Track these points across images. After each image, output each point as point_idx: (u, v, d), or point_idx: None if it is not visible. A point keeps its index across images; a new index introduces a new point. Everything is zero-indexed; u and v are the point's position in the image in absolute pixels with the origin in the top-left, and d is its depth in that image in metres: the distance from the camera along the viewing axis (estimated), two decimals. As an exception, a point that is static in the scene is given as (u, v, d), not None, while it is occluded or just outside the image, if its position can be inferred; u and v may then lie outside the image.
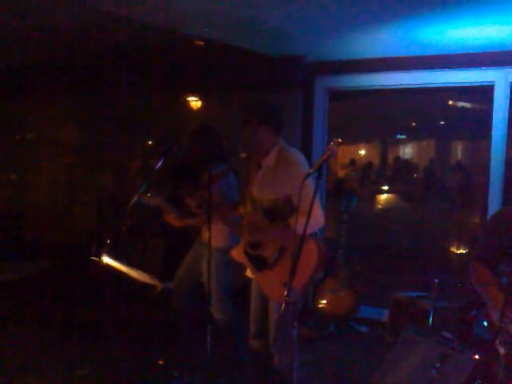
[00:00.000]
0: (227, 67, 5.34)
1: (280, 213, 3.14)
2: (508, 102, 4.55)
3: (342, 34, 4.15)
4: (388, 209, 7.16)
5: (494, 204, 4.57)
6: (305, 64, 5.05)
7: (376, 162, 8.81)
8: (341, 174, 8.33)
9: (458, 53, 4.57)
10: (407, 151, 9.16)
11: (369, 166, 8.52)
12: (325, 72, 5.27)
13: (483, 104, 5.06)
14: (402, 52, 4.68)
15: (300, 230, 2.73)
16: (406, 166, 8.27)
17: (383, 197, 7.37)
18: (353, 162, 8.79)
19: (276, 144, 3.23)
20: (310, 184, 2.86)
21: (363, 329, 5.14)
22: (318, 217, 2.98)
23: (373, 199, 7.44)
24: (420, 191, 7.34)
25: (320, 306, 5.19)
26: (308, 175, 2.67)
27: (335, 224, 6.13)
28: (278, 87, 5.16)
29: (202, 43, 4.62)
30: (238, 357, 4.06)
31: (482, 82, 4.71)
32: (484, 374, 3.05)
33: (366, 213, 7.01)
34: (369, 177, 8.22)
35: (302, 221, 2.75)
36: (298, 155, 3.21)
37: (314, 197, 2.59)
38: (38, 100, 7.27)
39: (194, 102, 7.04)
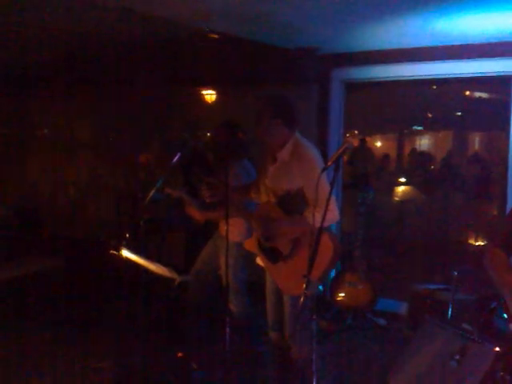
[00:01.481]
0: (242, 60, 5.34)
1: (292, 204, 3.15)
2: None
3: (358, 26, 4.13)
4: (405, 201, 7.10)
5: (512, 195, 4.53)
6: (320, 56, 5.03)
7: (393, 153, 8.75)
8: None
9: (475, 43, 4.53)
10: (424, 142, 9.08)
11: (385, 157, 8.46)
12: (341, 64, 5.26)
13: (501, 94, 4.98)
14: (419, 43, 4.65)
15: (316, 223, 2.76)
16: (423, 157, 8.20)
17: (400, 189, 7.31)
18: (370, 150, 8.74)
19: (290, 138, 3.24)
20: (326, 178, 2.89)
21: (381, 322, 5.13)
22: (334, 211, 2.98)
23: (389, 191, 7.39)
24: (437, 183, 7.27)
25: (338, 298, 5.19)
26: (325, 169, 2.68)
27: (352, 217, 6.11)
28: (294, 80, 5.15)
29: (216, 36, 4.61)
30: (255, 349, 4.09)
31: (500, 72, 4.66)
32: (505, 366, 3.03)
33: (382, 205, 6.97)
34: (385, 169, 8.16)
35: (317, 214, 2.78)
36: (312, 150, 3.22)
37: (330, 191, 2.60)
38: (53, 97, 7.33)
39: (210, 96, 7.05)
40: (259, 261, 3.44)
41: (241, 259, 3.95)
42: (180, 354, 4.25)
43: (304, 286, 2.58)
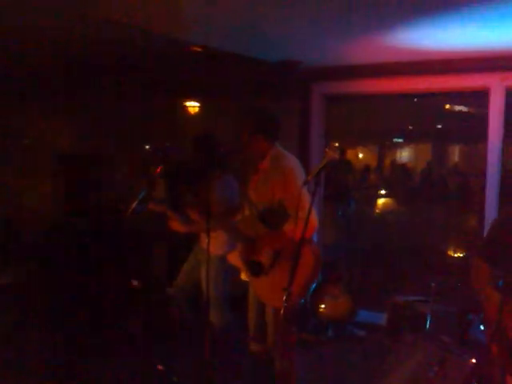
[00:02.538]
0: (225, 73, 5.37)
1: (274, 218, 3.17)
2: (503, 106, 4.58)
3: (339, 41, 4.16)
4: (385, 212, 7.18)
5: (491, 207, 4.59)
6: (302, 70, 5.07)
7: (373, 165, 8.84)
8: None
9: (453, 58, 4.59)
10: (404, 154, 9.19)
11: (366, 169, 8.54)
12: (322, 77, 5.29)
13: (480, 108, 5.08)
14: (398, 58, 4.70)
15: (296, 235, 2.78)
16: (403, 169, 8.29)
17: (381, 200, 7.38)
18: (350, 162, 8.81)
19: (271, 149, 3.27)
20: (306, 191, 2.92)
21: (361, 333, 5.15)
22: (314, 223, 3.01)
23: (370, 203, 7.46)
24: (417, 194, 7.36)
25: (318, 310, 5.20)
26: (306, 182, 2.70)
27: (333, 228, 6.16)
28: (275, 93, 5.18)
29: (199, 49, 4.63)
30: (237, 361, 4.08)
31: (478, 86, 4.74)
32: (480, 378, 3.07)
33: (363, 217, 7.03)
34: (366, 180, 8.24)
35: (298, 226, 2.80)
36: (292, 161, 3.26)
37: (311, 204, 2.62)
38: (34, 106, 7.27)
39: (192, 108, 7.06)
40: (243, 276, 3.45)
41: (222, 272, 3.96)
42: (160, 367, 4.23)
43: (284, 298, 2.60)
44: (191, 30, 4.05)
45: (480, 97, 4.70)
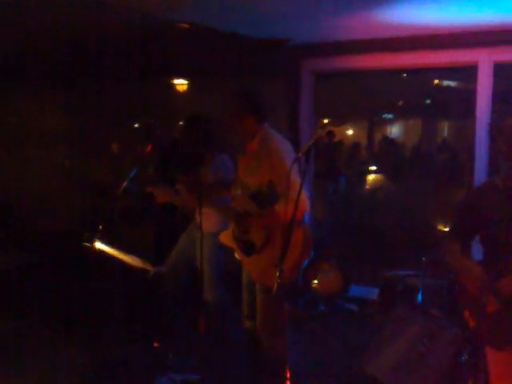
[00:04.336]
0: (213, 51, 5.33)
1: (265, 197, 3.19)
2: (492, 81, 4.60)
3: (327, 17, 4.15)
4: (376, 189, 7.23)
5: (480, 181, 4.64)
6: (290, 47, 5.05)
7: (364, 142, 8.86)
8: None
9: (440, 33, 4.59)
10: (394, 130, 9.21)
11: (356, 146, 8.55)
12: (311, 54, 5.27)
13: (470, 83, 5.09)
14: (386, 33, 4.69)
15: (287, 216, 2.80)
16: (393, 145, 8.32)
17: (371, 177, 7.42)
18: (340, 143, 8.83)
19: (260, 130, 3.27)
20: (296, 170, 2.93)
21: (353, 307, 5.23)
22: (305, 203, 3.01)
23: (361, 180, 7.50)
24: (407, 170, 7.41)
25: (311, 285, 5.27)
26: (296, 159, 2.72)
27: (324, 205, 6.20)
28: (264, 70, 5.17)
29: (187, 26, 4.60)
30: (230, 338, 4.14)
31: (466, 61, 4.75)
32: (471, 349, 3.14)
33: (354, 193, 7.08)
34: (356, 157, 8.26)
35: (288, 207, 2.82)
36: (281, 141, 3.26)
37: (301, 182, 2.64)
38: (23, 87, 7.20)
39: (181, 86, 7.02)
40: (237, 256, 3.48)
41: (216, 250, 3.98)
42: (156, 344, 4.28)
43: (276, 276, 2.63)
44: (178, 8, 4.01)
45: (470, 71, 4.71)
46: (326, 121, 8.71)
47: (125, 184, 3.71)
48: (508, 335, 2.31)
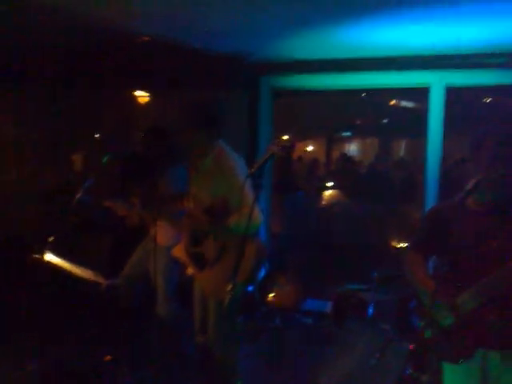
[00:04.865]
0: (173, 64, 5.33)
1: (218, 212, 3.20)
2: (443, 103, 4.76)
3: (286, 35, 4.22)
4: (332, 204, 7.34)
5: (431, 200, 4.78)
6: (250, 63, 5.10)
7: (322, 158, 9.00)
8: (290, 170, 8.45)
9: (395, 56, 4.71)
10: (352, 148, 9.39)
11: (314, 162, 8.68)
12: (270, 72, 5.32)
13: (421, 104, 5.26)
14: (343, 54, 4.80)
15: (239, 229, 2.84)
16: (351, 162, 8.47)
17: (328, 192, 7.54)
18: (300, 159, 8.95)
19: (214, 147, 3.26)
20: (249, 185, 2.95)
21: (308, 321, 5.27)
22: (257, 217, 3.04)
23: (318, 195, 7.60)
24: (364, 187, 7.55)
25: (267, 299, 5.29)
26: (249, 175, 2.73)
27: (281, 219, 6.25)
28: (223, 86, 5.19)
29: (147, 39, 4.61)
30: (183, 352, 4.12)
31: (419, 84, 4.91)
32: (416, 363, 3.21)
33: (311, 208, 7.17)
34: (314, 173, 8.39)
35: (241, 221, 2.85)
36: (235, 160, 3.26)
37: (254, 197, 2.67)
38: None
39: (142, 98, 6.99)
40: (190, 271, 3.47)
41: (170, 263, 3.97)
42: (108, 358, 4.21)
43: (229, 290, 2.65)
44: (139, 20, 4.02)
45: (425, 93, 4.87)
46: (285, 137, 8.84)
47: (79, 195, 3.67)
48: (460, 349, 2.35)
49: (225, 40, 4.53)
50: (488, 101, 6.24)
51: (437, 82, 4.74)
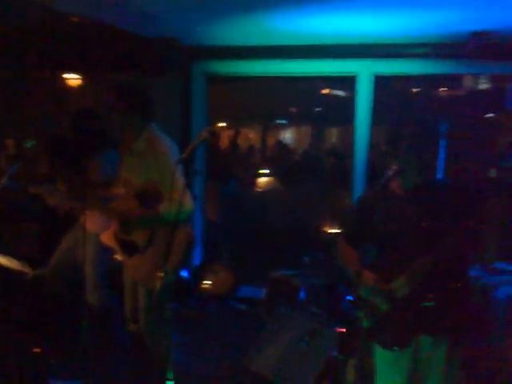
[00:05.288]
0: (103, 47, 5.19)
1: (149, 197, 3.17)
2: (370, 92, 4.89)
3: (218, 20, 4.19)
4: (267, 191, 7.41)
5: (358, 186, 4.92)
6: (182, 47, 5.04)
7: (258, 145, 9.05)
8: (225, 157, 8.44)
9: (324, 44, 4.79)
10: (287, 136, 9.49)
11: (250, 149, 8.72)
12: (202, 57, 5.30)
13: (349, 92, 5.38)
14: (273, 41, 4.82)
15: (170, 216, 2.83)
16: (286, 149, 8.57)
17: (263, 179, 7.61)
18: (235, 146, 8.94)
19: (145, 130, 3.23)
20: (180, 171, 2.95)
21: (242, 307, 5.32)
22: (188, 203, 3.04)
23: (254, 182, 7.65)
24: (298, 174, 7.66)
25: (201, 286, 5.30)
26: (180, 161, 2.74)
27: (216, 207, 6.25)
28: (155, 70, 5.11)
29: (76, 20, 4.46)
30: (115, 341, 4.07)
31: (346, 72, 5.01)
32: (344, 347, 3.30)
33: (245, 195, 7.22)
34: (250, 160, 8.43)
35: (171, 207, 2.84)
36: (166, 143, 3.24)
37: (185, 183, 2.66)
38: None
39: (71, 81, 6.80)
40: (118, 256, 3.43)
41: (101, 251, 3.89)
42: (37, 349, 4.10)
43: (159, 276, 2.64)
44: (68, 0, 3.89)
45: (349, 82, 4.98)
46: (222, 124, 8.82)
47: (3, 181, 3.53)
48: (397, 336, 2.43)
49: (157, 23, 4.46)
50: (414, 90, 6.46)
51: (363, 71, 4.87)
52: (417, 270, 2.31)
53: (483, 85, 5.73)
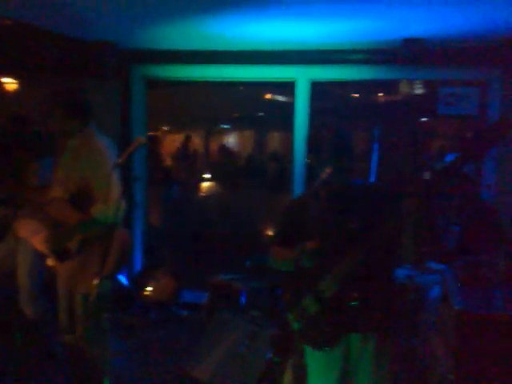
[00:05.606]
0: (40, 50, 5.07)
1: (83, 199, 3.12)
2: (308, 98, 4.98)
3: (155, 24, 4.17)
4: (210, 196, 7.41)
5: (298, 190, 4.99)
6: (121, 51, 4.99)
7: (201, 150, 9.02)
8: (168, 162, 8.40)
9: (262, 50, 4.84)
10: (231, 140, 9.50)
11: (194, 154, 8.69)
12: (141, 60, 5.26)
13: (290, 98, 5.46)
14: (212, 46, 4.84)
15: (105, 219, 2.83)
16: (229, 154, 8.58)
17: (206, 184, 7.60)
18: (179, 151, 8.90)
19: (82, 130, 3.20)
20: (117, 175, 2.93)
21: (184, 313, 5.28)
22: (122, 208, 3.02)
23: (197, 187, 7.64)
24: (241, 179, 7.69)
25: (143, 293, 5.24)
26: (116, 166, 2.72)
27: (158, 212, 6.21)
28: (93, 74, 5.03)
29: (9, 22, 4.34)
30: (51, 351, 3.97)
31: (285, 78, 5.08)
32: (279, 349, 3.33)
33: (188, 200, 7.19)
34: (194, 165, 8.40)
35: (107, 210, 2.82)
36: (103, 141, 3.21)
37: (121, 188, 2.64)
38: None
39: (9, 85, 6.62)
40: (50, 262, 3.35)
41: (36, 258, 3.80)
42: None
43: (95, 283, 2.61)
44: (3, 3, 3.78)
45: (289, 87, 5.04)
46: (165, 128, 8.75)
47: None
48: (327, 337, 2.46)
49: (95, 27, 4.40)
50: (352, 95, 6.62)
51: (301, 77, 4.95)
52: (342, 270, 2.35)
53: (418, 90, 5.92)
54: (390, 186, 2.68)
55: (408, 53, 4.37)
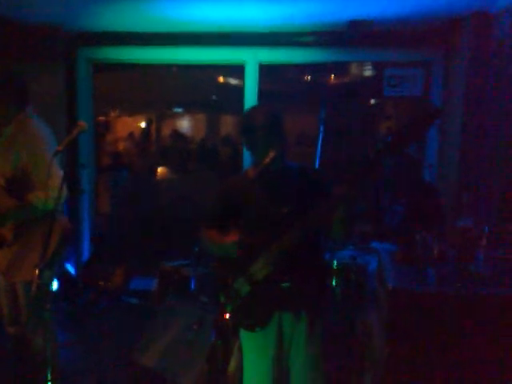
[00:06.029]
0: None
1: (19, 186, 3.01)
2: (257, 80, 4.94)
3: (101, 5, 4.06)
4: (161, 181, 7.31)
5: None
6: (65, 34, 4.84)
7: (153, 134, 8.87)
8: (120, 147, 8.23)
9: (210, 31, 4.79)
10: (183, 124, 9.37)
11: (145, 138, 8.54)
12: (86, 43, 5.11)
13: (240, 81, 5.40)
14: (161, 28, 4.75)
15: (44, 206, 2.81)
16: (182, 138, 8.47)
17: (158, 169, 7.49)
18: (131, 135, 8.73)
19: (19, 114, 3.09)
20: (57, 161, 2.89)
21: (133, 301, 5.22)
22: (63, 195, 2.93)
23: (148, 172, 7.52)
24: (194, 163, 7.61)
25: (91, 282, 5.14)
26: (57, 153, 2.66)
27: (107, 198, 6.09)
28: (36, 57, 4.86)
29: None
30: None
31: (235, 60, 5.03)
32: (219, 332, 3.33)
33: (139, 185, 7.06)
34: (146, 149, 8.26)
35: (45, 197, 2.75)
36: (40, 127, 3.11)
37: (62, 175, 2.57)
38: None
39: None
40: None
41: None
42: None
43: (35, 272, 2.54)
44: None
45: (239, 70, 5.00)
46: (115, 112, 8.55)
47: None
48: (258, 318, 2.47)
49: (39, 9, 4.24)
50: (302, 78, 6.58)
51: (250, 59, 4.91)
52: (274, 253, 2.36)
53: (367, 72, 5.94)
54: (323, 169, 2.66)
55: (354, 34, 4.38)
